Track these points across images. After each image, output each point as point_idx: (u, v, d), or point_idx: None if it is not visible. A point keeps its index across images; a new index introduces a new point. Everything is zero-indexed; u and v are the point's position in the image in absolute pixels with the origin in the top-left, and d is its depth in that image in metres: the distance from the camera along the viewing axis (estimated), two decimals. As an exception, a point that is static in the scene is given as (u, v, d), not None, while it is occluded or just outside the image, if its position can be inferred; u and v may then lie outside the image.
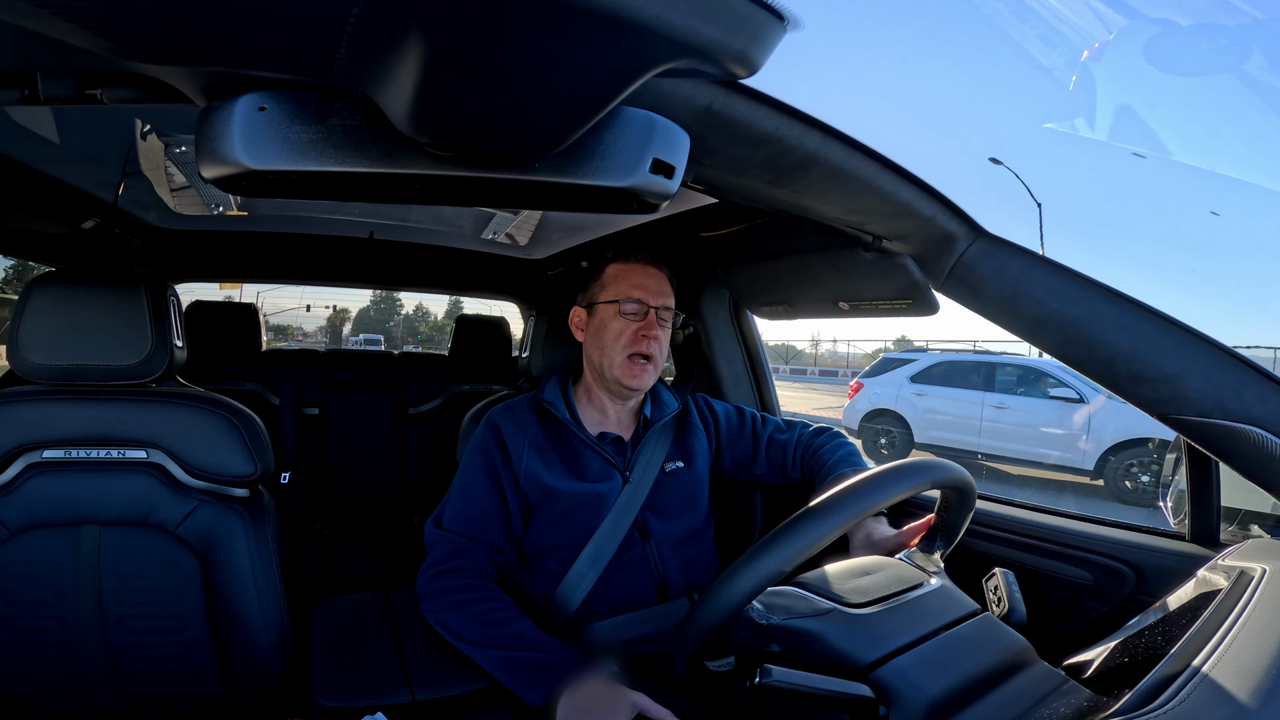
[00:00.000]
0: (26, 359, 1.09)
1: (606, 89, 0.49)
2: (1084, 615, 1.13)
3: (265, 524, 1.19)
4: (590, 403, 1.32)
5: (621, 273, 1.27)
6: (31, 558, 1.10)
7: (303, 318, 34.37)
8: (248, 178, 0.55)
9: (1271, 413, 0.77)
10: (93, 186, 1.54)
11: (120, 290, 1.13)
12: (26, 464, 1.10)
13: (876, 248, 1.03)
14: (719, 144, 0.73)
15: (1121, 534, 1.13)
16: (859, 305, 1.30)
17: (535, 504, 1.22)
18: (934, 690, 0.70)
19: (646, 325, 1.23)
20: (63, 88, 0.63)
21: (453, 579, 1.13)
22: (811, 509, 0.77)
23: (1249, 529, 1.03)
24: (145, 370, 1.14)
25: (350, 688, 1.00)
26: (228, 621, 1.16)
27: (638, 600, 1.21)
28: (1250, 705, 0.54)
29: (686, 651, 0.78)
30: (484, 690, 1.04)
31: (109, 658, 1.13)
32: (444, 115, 0.51)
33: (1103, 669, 0.75)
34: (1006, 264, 0.88)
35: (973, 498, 0.92)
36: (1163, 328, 0.81)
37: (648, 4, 0.38)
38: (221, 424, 1.16)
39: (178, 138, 1.32)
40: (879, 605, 0.80)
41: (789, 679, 0.69)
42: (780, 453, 1.40)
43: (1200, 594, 0.77)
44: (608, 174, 0.63)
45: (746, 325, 1.82)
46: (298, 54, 0.48)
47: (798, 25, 0.45)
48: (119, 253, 1.98)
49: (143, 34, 0.45)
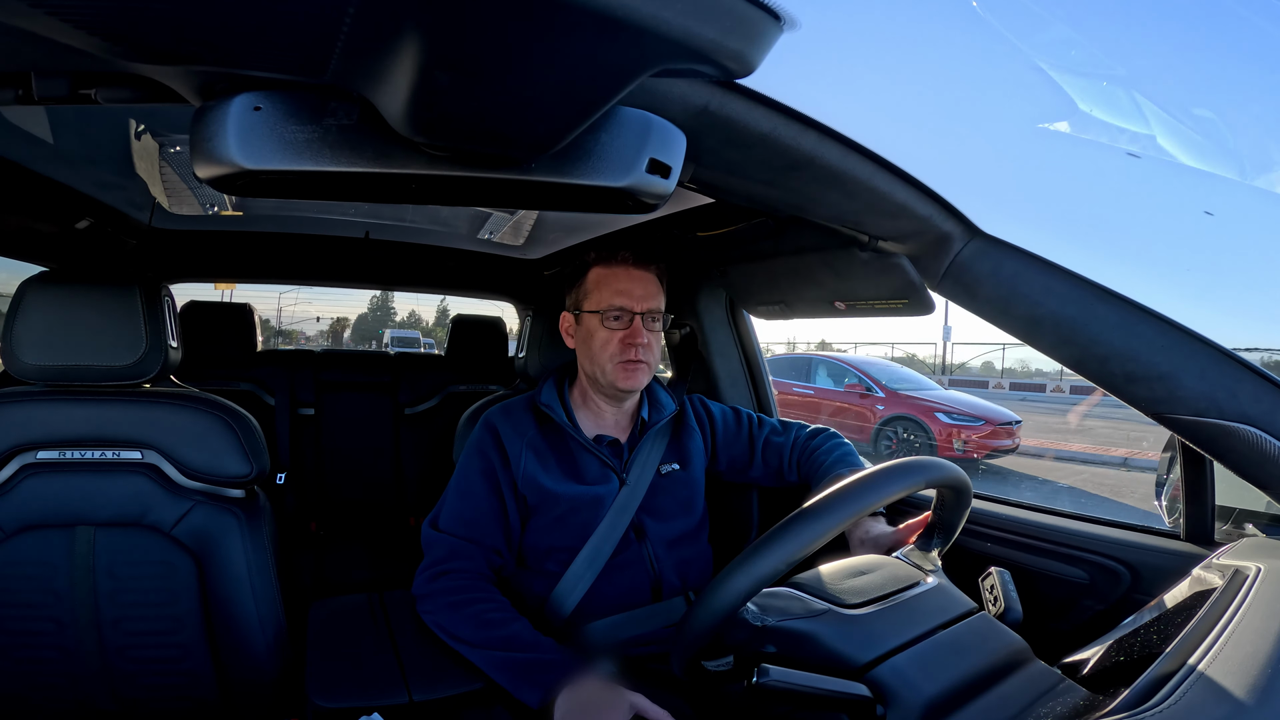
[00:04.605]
0: (20, 359, 1.09)
1: (603, 89, 0.49)
2: (1080, 614, 1.13)
3: (261, 525, 1.18)
4: (586, 405, 1.31)
5: (604, 278, 1.22)
6: (26, 559, 1.09)
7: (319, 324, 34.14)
8: (243, 177, 0.55)
9: (1266, 412, 0.77)
10: (87, 186, 1.54)
11: (115, 290, 1.12)
12: (21, 465, 1.10)
13: (872, 248, 1.03)
14: (716, 144, 0.73)
15: (1117, 533, 1.13)
16: (855, 305, 1.30)
17: (533, 506, 1.22)
18: (931, 689, 0.70)
19: (632, 333, 1.20)
20: (57, 88, 0.63)
21: (449, 580, 1.13)
22: (807, 509, 0.77)
23: (1243, 528, 1.03)
24: (140, 371, 1.13)
25: (346, 689, 1.00)
26: (223, 623, 1.16)
27: (634, 600, 1.21)
28: (1246, 703, 0.54)
29: (682, 653, 0.78)
30: (481, 691, 1.04)
31: (104, 659, 1.13)
32: (440, 115, 0.51)
33: (1099, 668, 0.76)
34: (1002, 264, 0.88)
35: (969, 496, 0.92)
36: (1158, 327, 0.82)
37: (644, 4, 0.38)
38: (217, 424, 1.15)
39: (172, 137, 1.32)
40: (875, 605, 0.80)
41: (786, 679, 0.69)
42: (776, 455, 1.40)
43: (1195, 592, 0.78)
44: (604, 174, 0.62)
45: (743, 325, 1.82)
46: (293, 54, 0.48)
47: (794, 25, 0.45)
48: (113, 253, 1.97)
49: (138, 34, 0.44)
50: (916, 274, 1.05)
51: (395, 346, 13.00)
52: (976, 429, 8.34)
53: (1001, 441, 8.47)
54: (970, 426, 8.39)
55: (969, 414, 8.56)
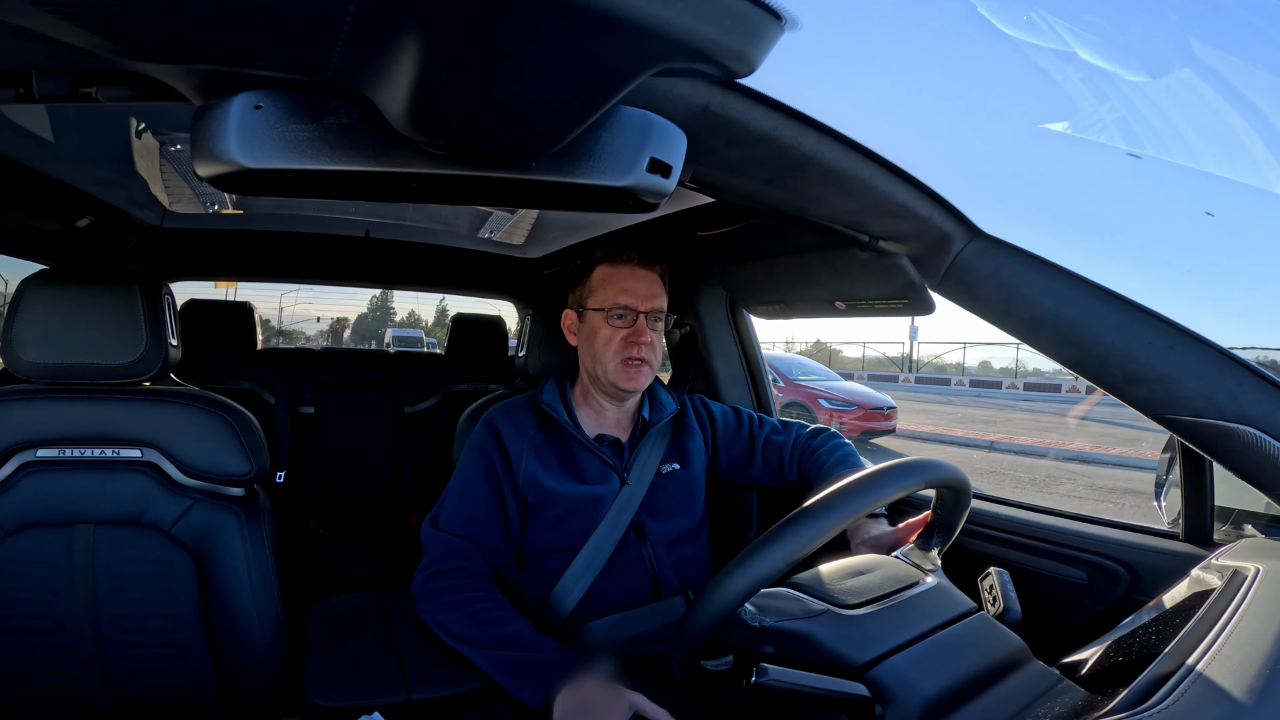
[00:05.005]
0: (20, 358, 1.09)
1: (604, 88, 0.49)
2: (1079, 614, 1.13)
3: (260, 524, 1.18)
4: (588, 405, 1.31)
5: (609, 276, 1.23)
6: (26, 557, 1.09)
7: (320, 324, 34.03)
8: (243, 176, 0.55)
9: (1265, 413, 0.77)
10: (88, 185, 1.54)
11: (115, 289, 1.12)
12: (21, 463, 1.10)
13: (873, 248, 1.03)
14: (716, 143, 0.73)
15: (1116, 534, 1.13)
16: (855, 305, 1.30)
17: (533, 506, 1.22)
18: (930, 689, 0.70)
19: (636, 332, 1.21)
20: (58, 86, 0.63)
21: (449, 579, 1.13)
22: (806, 509, 0.77)
23: (1243, 528, 1.03)
24: (140, 369, 1.13)
25: (346, 688, 1.00)
26: (223, 622, 1.16)
27: (633, 600, 1.21)
28: (1245, 703, 0.54)
29: (682, 653, 0.78)
30: (480, 690, 1.04)
31: (103, 658, 1.13)
32: (441, 114, 0.51)
33: (1097, 668, 0.76)
34: (1002, 264, 0.88)
35: (968, 496, 0.92)
36: (1158, 328, 0.81)
37: (645, 3, 0.38)
38: (216, 423, 1.15)
39: (173, 136, 1.32)
40: (874, 605, 0.80)
41: (785, 678, 0.69)
42: (777, 454, 1.40)
43: (1194, 593, 0.78)
44: (605, 173, 0.62)
45: (743, 325, 1.82)
46: (294, 53, 0.48)
47: (795, 25, 0.45)
48: (113, 251, 1.97)
49: (139, 33, 0.44)
50: (917, 274, 1.04)
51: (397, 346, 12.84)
52: (851, 413, 10.09)
53: (877, 424, 10.27)
54: (846, 411, 10.11)
55: (845, 400, 10.38)
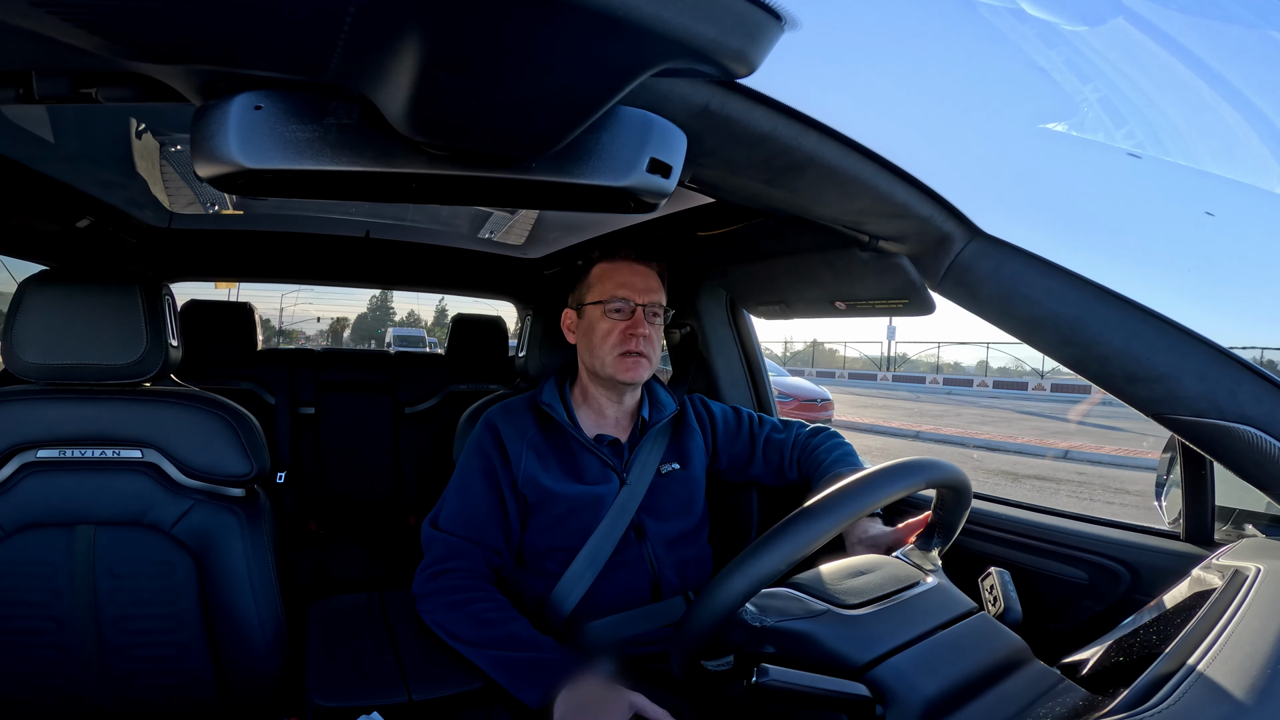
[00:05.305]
0: (21, 358, 1.09)
1: (604, 88, 0.49)
2: (1079, 614, 1.13)
3: (261, 524, 1.18)
4: (587, 404, 1.31)
5: (607, 272, 1.25)
6: (26, 558, 1.09)
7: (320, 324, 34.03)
8: (243, 177, 0.55)
9: (1266, 412, 0.77)
10: (88, 185, 1.54)
11: (115, 289, 1.12)
12: (21, 464, 1.10)
13: (873, 248, 1.03)
14: (716, 143, 0.73)
15: (1116, 534, 1.13)
16: (855, 305, 1.30)
17: (533, 506, 1.22)
18: (930, 689, 0.70)
19: (634, 323, 1.22)
20: (58, 87, 0.63)
21: (449, 579, 1.13)
22: (806, 510, 0.77)
23: (1243, 528, 1.03)
24: (140, 369, 1.13)
25: (346, 688, 1.00)
26: (223, 622, 1.16)
27: (633, 600, 1.21)
28: (1245, 703, 0.54)
29: (682, 653, 0.78)
30: (480, 690, 1.03)
31: (104, 658, 1.13)
32: (441, 114, 0.51)
33: (1098, 668, 0.76)
34: (1002, 264, 0.88)
35: (969, 496, 0.92)
36: (1158, 328, 0.81)
37: (645, 3, 0.38)
38: (217, 423, 1.15)
39: (173, 136, 1.32)
40: (874, 605, 0.80)
41: (785, 678, 0.69)
42: (777, 453, 1.40)
43: (1195, 593, 0.78)
44: (605, 173, 0.62)
45: (743, 325, 1.82)
46: (294, 53, 0.48)
47: (795, 25, 0.45)
48: (114, 251, 1.97)
49: (139, 33, 0.44)
50: (917, 274, 1.04)
51: (398, 346, 12.63)
52: (786, 404, 10.45)
53: (813, 414, 11.04)
54: (782, 403, 10.51)
55: (782, 392, 10.72)
